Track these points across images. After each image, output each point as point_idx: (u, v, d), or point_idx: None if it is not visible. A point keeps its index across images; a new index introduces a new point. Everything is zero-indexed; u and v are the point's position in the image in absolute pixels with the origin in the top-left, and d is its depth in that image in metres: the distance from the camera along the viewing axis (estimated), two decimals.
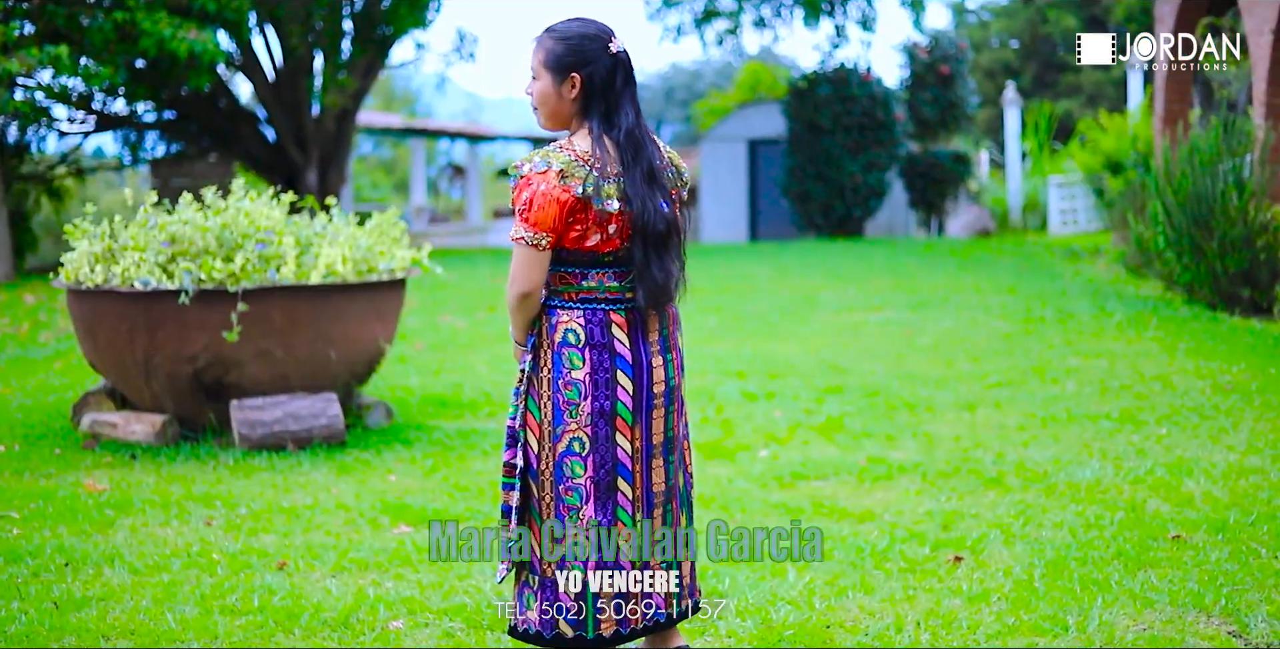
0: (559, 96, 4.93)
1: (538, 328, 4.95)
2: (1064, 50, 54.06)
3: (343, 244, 9.59)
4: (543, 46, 4.94)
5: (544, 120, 5.01)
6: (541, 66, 4.93)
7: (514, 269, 4.88)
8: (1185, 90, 22.91)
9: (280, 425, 9.22)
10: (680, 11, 32.21)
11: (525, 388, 4.97)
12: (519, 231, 4.84)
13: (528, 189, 4.85)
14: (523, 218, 4.84)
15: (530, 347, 4.96)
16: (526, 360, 4.96)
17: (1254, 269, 15.85)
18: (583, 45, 4.92)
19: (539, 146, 34.23)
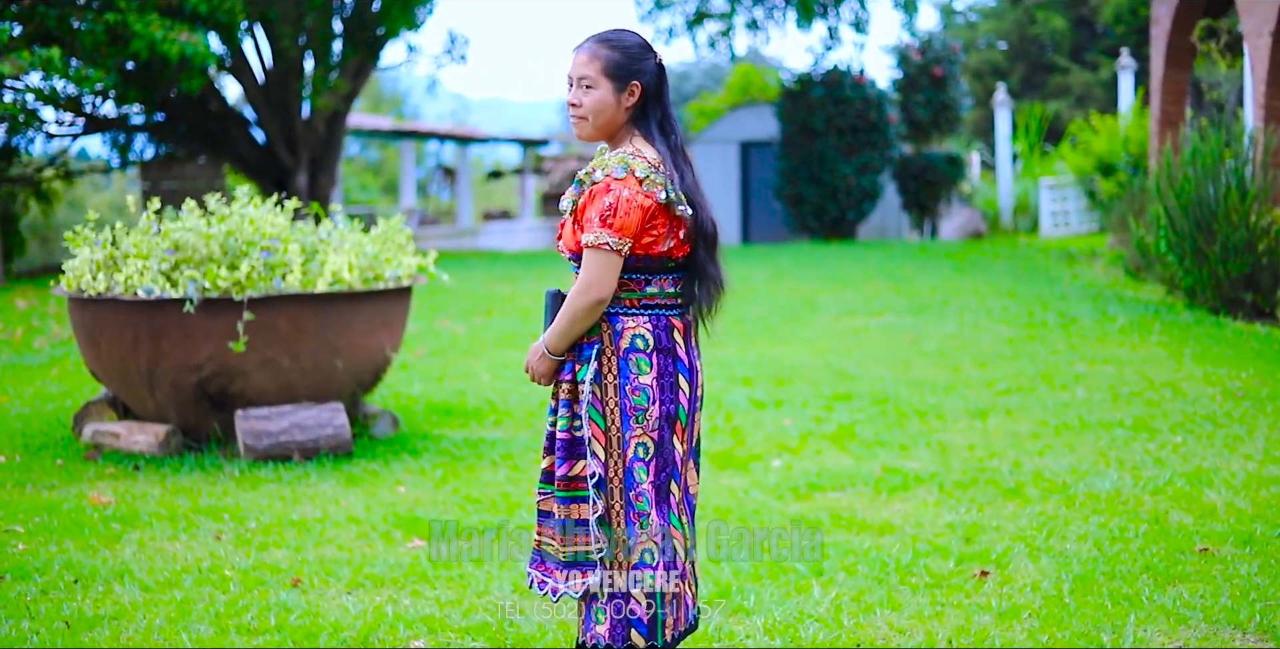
0: (617, 105, 4.95)
1: (598, 335, 4.90)
2: (1052, 51, 54.02)
3: (348, 251, 9.46)
4: (599, 56, 4.93)
5: (591, 130, 4.99)
6: (601, 75, 4.92)
7: (592, 275, 4.82)
8: (1181, 92, 22.86)
9: (286, 436, 9.09)
10: (672, 13, 32.09)
11: (577, 397, 4.91)
12: (602, 237, 4.79)
13: (608, 194, 4.83)
14: (604, 223, 4.80)
15: (590, 355, 4.89)
16: (590, 369, 4.89)
17: (1256, 273, 15.77)
18: (640, 54, 4.97)
19: (529, 149, 34.12)
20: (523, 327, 15.80)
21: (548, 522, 5.01)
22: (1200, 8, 21.94)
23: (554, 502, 4.97)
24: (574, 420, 4.91)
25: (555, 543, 4.97)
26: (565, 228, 4.98)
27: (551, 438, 5.02)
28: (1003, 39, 55.57)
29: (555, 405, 5.00)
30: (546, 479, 5.03)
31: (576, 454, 4.91)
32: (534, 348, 4.98)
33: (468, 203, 41.36)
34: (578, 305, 4.84)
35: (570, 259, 4.97)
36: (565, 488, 4.93)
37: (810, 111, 32.14)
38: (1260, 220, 15.71)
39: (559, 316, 4.88)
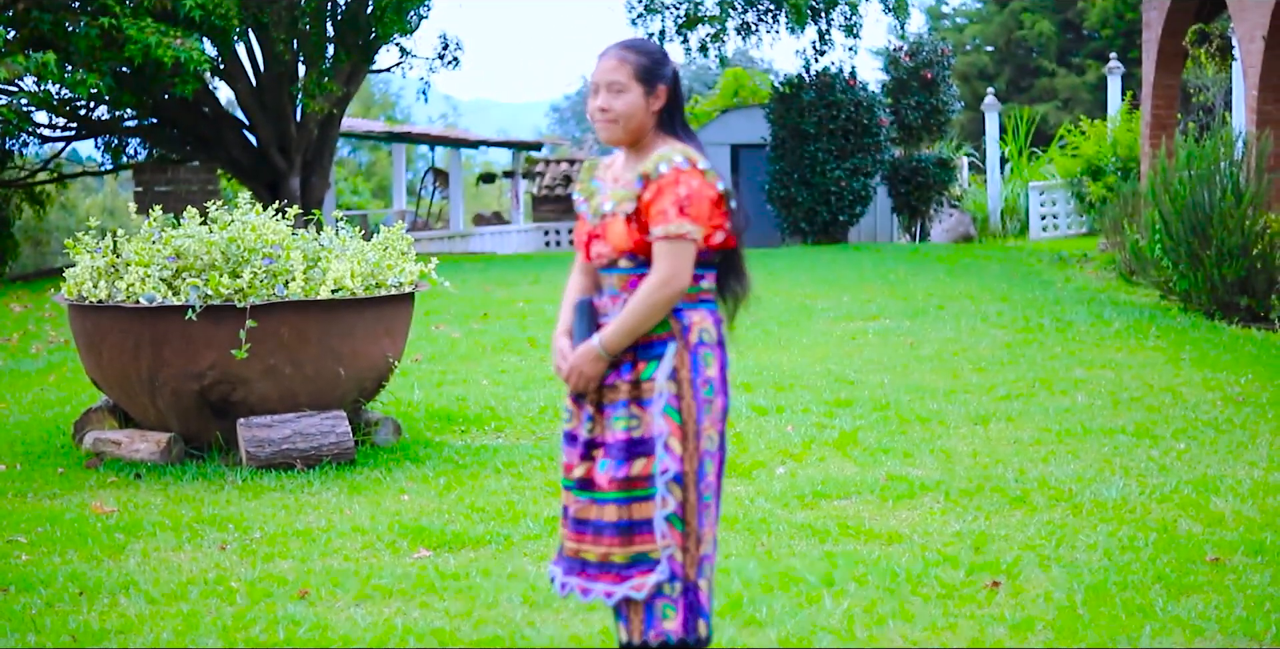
0: (646, 108, 5.03)
1: (669, 331, 4.94)
2: (1038, 55, 54.10)
3: (350, 258, 9.41)
4: (628, 60, 5.02)
5: (622, 133, 5.04)
6: (632, 79, 5.01)
7: (675, 266, 4.86)
8: (1172, 97, 22.90)
9: (289, 444, 9.04)
10: (663, 17, 32.03)
11: (639, 397, 4.94)
12: (684, 227, 4.86)
13: (680, 185, 4.91)
14: (683, 213, 4.87)
15: (663, 351, 4.93)
16: (666, 366, 4.92)
17: (1251, 278, 15.79)
18: (664, 59, 5.09)
19: (520, 152, 34.09)
20: (520, 332, 15.76)
21: (584, 527, 4.98)
22: (1191, 12, 21.97)
23: (598, 507, 4.94)
24: (632, 420, 4.92)
25: (603, 547, 4.94)
26: (610, 229, 4.98)
27: (588, 445, 5.00)
28: (989, 42, 55.67)
29: (598, 408, 5.00)
30: (583, 486, 5.00)
31: (638, 454, 4.91)
32: (585, 351, 4.95)
33: (459, 206, 41.30)
34: (657, 299, 4.86)
35: (624, 259, 4.97)
36: (623, 488, 4.92)
37: (801, 115, 32.11)
38: (1254, 225, 15.72)
39: (630, 314, 4.87)
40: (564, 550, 5.07)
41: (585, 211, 5.16)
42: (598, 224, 5.06)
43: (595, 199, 5.12)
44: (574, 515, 5.01)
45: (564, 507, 5.13)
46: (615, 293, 5.02)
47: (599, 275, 5.13)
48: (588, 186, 5.22)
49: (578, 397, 5.09)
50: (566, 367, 5.01)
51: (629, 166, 5.09)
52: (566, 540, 5.05)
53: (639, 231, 4.93)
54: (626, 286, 4.99)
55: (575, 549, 5.01)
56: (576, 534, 5.00)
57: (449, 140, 42.49)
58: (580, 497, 5.00)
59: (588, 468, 4.99)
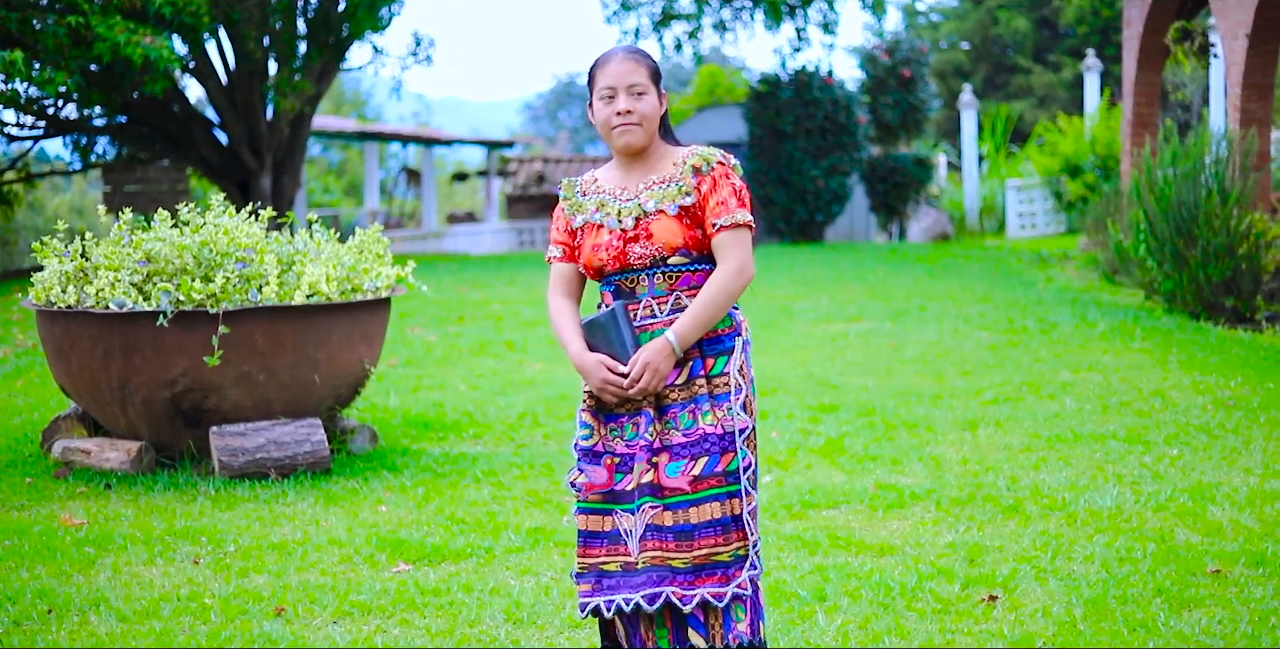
0: (659, 111, 5.03)
1: (732, 325, 4.97)
2: (1014, 52, 54.00)
3: (325, 262, 9.19)
4: (643, 63, 5.01)
5: (644, 136, 5.01)
6: (650, 81, 4.99)
7: (746, 254, 4.94)
8: (1154, 95, 22.74)
9: (263, 452, 8.81)
10: (639, 14, 31.84)
11: (712, 392, 4.91)
12: (746, 216, 4.93)
13: (732, 178, 4.98)
14: (742, 203, 4.94)
15: (732, 345, 4.95)
16: (736, 360, 4.94)
17: (1236, 278, 15.64)
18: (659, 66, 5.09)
19: (493, 150, 34.04)
20: (496, 334, 15.55)
21: (664, 534, 4.85)
22: (1173, 10, 21.81)
23: (678, 511, 4.84)
24: (710, 416, 4.87)
25: (703, 549, 4.83)
26: (658, 227, 4.92)
27: (651, 450, 4.88)
28: (965, 40, 55.53)
29: (679, 408, 4.92)
30: (653, 492, 4.87)
31: (725, 449, 4.87)
32: (660, 347, 4.85)
33: (432, 205, 41.05)
34: (734, 288, 4.87)
35: (677, 255, 4.91)
36: (720, 484, 4.87)
37: (778, 113, 31.93)
38: (1240, 224, 15.58)
39: (706, 306, 4.85)
40: (639, 564, 4.88)
41: (602, 220, 5.03)
42: (635, 226, 4.95)
43: (611, 207, 5.02)
44: (651, 522, 4.86)
45: (588, 532, 4.99)
46: (661, 293, 4.95)
47: (621, 282, 5.00)
48: (580, 201, 5.12)
49: (596, 410, 5.00)
50: (639, 366, 4.86)
51: (639, 173, 5.04)
52: (642, 552, 4.87)
53: (691, 226, 4.92)
54: (677, 284, 4.95)
55: (662, 557, 4.85)
56: (658, 542, 4.85)
57: (421, 139, 42.24)
58: (649, 502, 4.87)
59: (655, 474, 4.88)
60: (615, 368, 4.90)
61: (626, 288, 4.99)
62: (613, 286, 5.02)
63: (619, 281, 5.00)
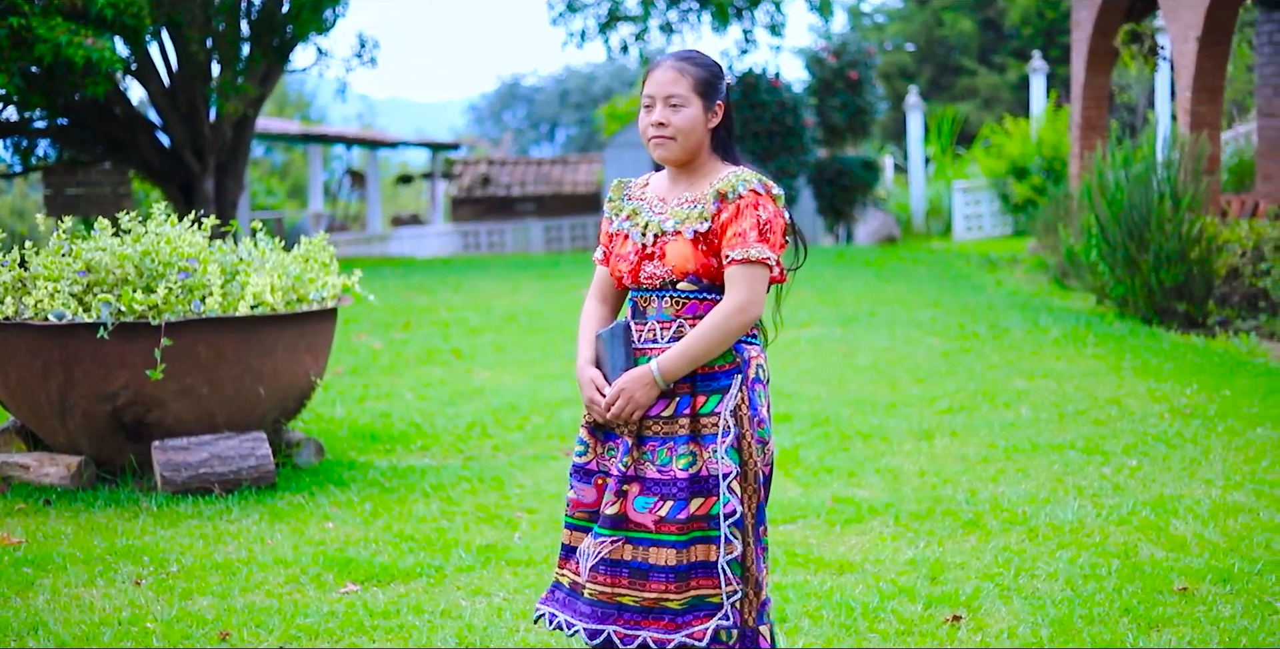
0: (704, 125, 4.77)
1: (732, 362, 4.74)
2: (959, 53, 54.03)
3: (270, 272, 8.97)
4: (687, 73, 4.76)
5: (680, 151, 4.78)
6: (692, 93, 4.74)
7: (754, 293, 4.68)
8: (1102, 97, 22.67)
9: (206, 467, 8.60)
10: (584, 16, 31.65)
11: (699, 432, 4.72)
12: (765, 252, 4.68)
13: (760, 209, 4.71)
14: (764, 238, 4.68)
15: (727, 384, 4.73)
16: (731, 401, 4.72)
17: (1189, 283, 15.56)
18: (721, 73, 4.82)
19: (438, 152, 33.70)
20: (443, 342, 15.33)
21: (619, 569, 4.71)
22: (1122, 12, 21.75)
23: (641, 548, 4.70)
24: (690, 457, 4.68)
25: (653, 592, 4.68)
26: (671, 249, 4.74)
27: (622, 480, 4.73)
28: (910, 41, 55.52)
29: (638, 441, 4.75)
30: (615, 525, 4.72)
31: (697, 493, 4.68)
32: (639, 375, 4.69)
33: (377, 208, 40.77)
34: (732, 326, 4.65)
35: (685, 281, 4.74)
36: (683, 531, 4.67)
37: None
38: (1191, 229, 15.50)
39: (698, 340, 4.66)
40: (585, 593, 4.76)
41: (629, 230, 4.87)
42: (652, 244, 4.78)
43: (641, 217, 4.85)
44: (607, 557, 4.71)
45: (569, 546, 4.87)
46: (666, 318, 4.78)
47: (638, 299, 4.86)
48: (621, 205, 4.95)
49: (595, 427, 4.84)
50: (611, 392, 4.71)
51: (682, 186, 4.86)
52: (591, 583, 4.74)
53: (707, 253, 4.71)
54: (683, 311, 4.76)
55: (610, 593, 4.71)
56: (611, 577, 4.71)
57: (365, 141, 41.95)
58: (610, 535, 4.72)
59: (620, 505, 4.72)
60: (602, 387, 4.76)
61: (640, 306, 4.84)
62: (632, 302, 4.89)
63: (636, 298, 4.86)
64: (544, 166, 43.99)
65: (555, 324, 16.77)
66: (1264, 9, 20.89)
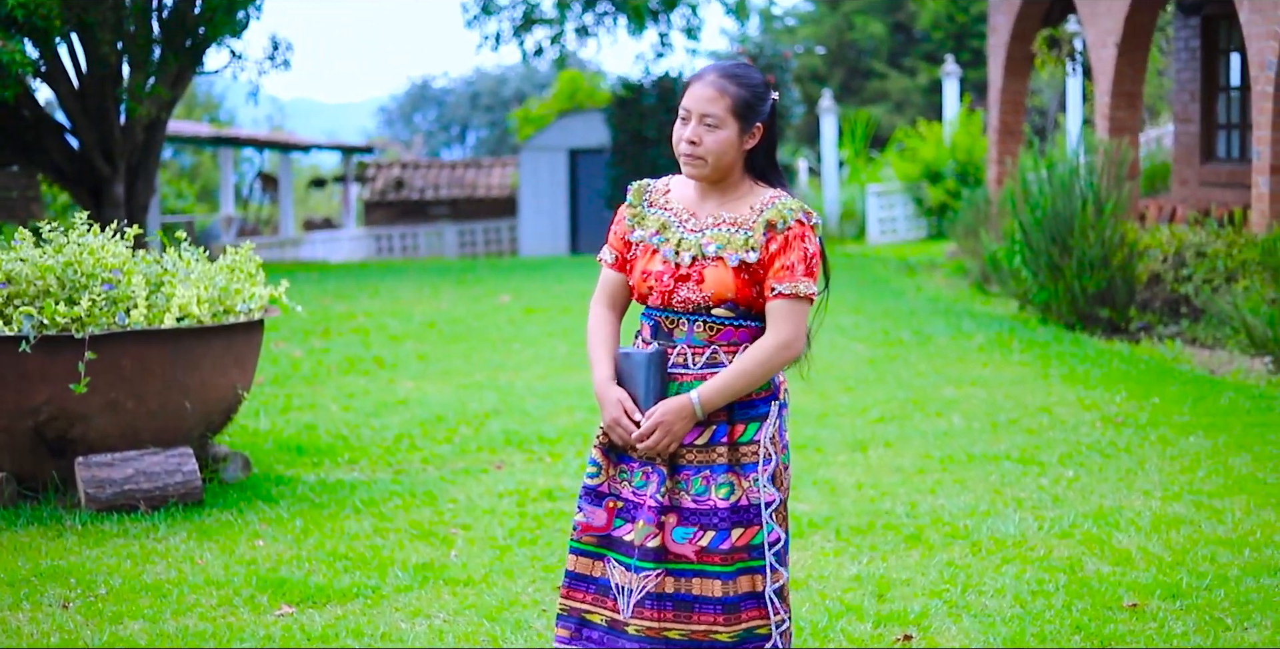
0: (739, 147, 4.63)
1: (769, 390, 4.67)
2: (870, 57, 54.17)
3: (196, 283, 8.77)
4: (727, 93, 4.59)
5: (710, 171, 4.63)
6: (729, 114, 4.59)
7: (800, 328, 4.63)
8: (1020, 102, 22.75)
9: (131, 484, 8.38)
10: (499, 18, 31.47)
11: (738, 460, 4.63)
12: (812, 287, 4.61)
13: (807, 242, 4.60)
14: (809, 273, 4.59)
15: (766, 411, 4.67)
16: (769, 429, 4.67)
17: (1111, 289, 15.58)
18: (765, 94, 4.67)
19: (349, 155, 33.41)
20: (364, 350, 15.13)
21: (664, 603, 4.61)
22: (1039, 18, 21.81)
23: (683, 580, 4.60)
24: (728, 487, 4.58)
25: (703, 625, 4.58)
26: (711, 274, 4.60)
27: (660, 510, 4.61)
28: (821, 44, 55.61)
29: (672, 470, 4.63)
30: (656, 557, 4.59)
31: (739, 523, 4.58)
32: (679, 408, 4.55)
33: (289, 211, 40.42)
34: (777, 362, 4.58)
35: (721, 307, 4.62)
36: (728, 561, 4.56)
37: (642, 119, 31.66)
38: (1114, 235, 15.52)
39: (741, 375, 4.55)
40: (629, 630, 4.64)
41: (659, 246, 4.72)
42: (689, 266, 4.64)
43: (672, 233, 4.70)
44: (652, 591, 4.59)
45: (577, 573, 4.76)
46: (699, 343, 4.64)
47: (662, 319, 4.70)
48: (644, 213, 4.80)
49: (609, 449, 4.72)
50: (650, 424, 4.56)
51: (714, 203, 4.72)
52: (637, 619, 4.62)
53: (749, 283, 4.59)
54: (717, 337, 4.64)
55: (657, 629, 4.60)
56: (657, 612, 4.60)
57: (277, 144, 41.58)
58: (652, 568, 4.59)
59: (661, 536, 4.60)
60: (633, 413, 4.61)
61: (665, 328, 4.69)
62: (653, 321, 4.72)
63: (659, 318, 4.70)
64: (457, 170, 43.75)
65: (477, 332, 16.61)
66: (1180, 15, 21.00)
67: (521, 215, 36.97)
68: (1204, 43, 20.57)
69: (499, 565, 7.41)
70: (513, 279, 24.14)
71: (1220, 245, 14.77)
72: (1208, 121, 20.61)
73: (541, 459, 9.93)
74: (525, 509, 8.53)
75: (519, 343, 15.62)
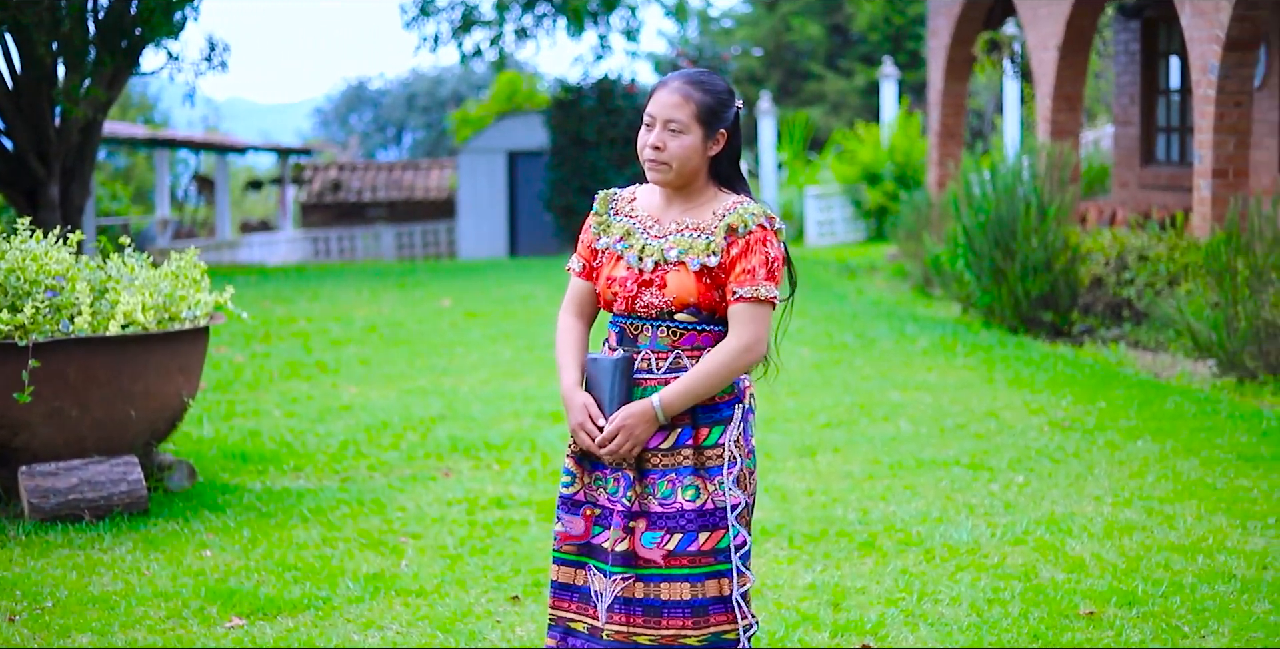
0: (703, 153, 4.65)
1: (731, 393, 4.66)
2: (807, 58, 54.25)
3: (141, 289, 8.66)
4: (692, 98, 4.62)
5: (674, 177, 4.66)
6: (693, 120, 4.61)
7: (761, 332, 4.63)
8: (960, 105, 22.78)
9: (76, 493, 8.26)
10: (438, 20, 31.32)
11: (704, 464, 4.63)
12: (772, 291, 4.63)
13: (767, 246, 4.61)
14: (770, 276, 4.61)
15: (730, 414, 4.66)
16: (733, 432, 4.66)
17: (1054, 292, 15.61)
18: (730, 99, 4.69)
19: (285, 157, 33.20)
20: (306, 355, 15.00)
21: (634, 608, 4.62)
22: (979, 20, 21.84)
23: (651, 584, 4.59)
24: (694, 490, 4.59)
25: (671, 629, 4.58)
26: (673, 279, 4.62)
27: (628, 515, 4.61)
28: (758, 46, 55.65)
29: (640, 475, 4.64)
30: (626, 562, 4.61)
31: (706, 526, 4.59)
32: (641, 412, 4.57)
33: (226, 213, 40.15)
34: (739, 366, 4.58)
35: (684, 312, 4.63)
36: (695, 564, 4.58)
37: (581, 121, 31.55)
38: (1056, 238, 15.56)
39: (703, 378, 4.57)
40: (604, 635, 4.65)
41: (623, 252, 4.73)
42: (652, 271, 4.65)
43: (636, 239, 4.72)
44: (620, 595, 4.60)
45: (561, 583, 4.76)
46: (663, 348, 4.66)
47: (627, 325, 4.72)
48: (609, 220, 4.82)
49: (582, 457, 4.73)
50: (611, 428, 4.59)
51: (678, 209, 4.73)
52: (608, 624, 4.63)
53: (710, 287, 4.61)
54: (680, 342, 4.65)
55: (626, 633, 4.61)
56: (626, 616, 4.61)
57: (214, 145, 41.30)
58: (621, 573, 4.61)
59: (629, 541, 4.61)
60: (597, 418, 4.63)
61: (630, 333, 4.71)
62: (618, 327, 4.74)
63: (624, 324, 4.72)
64: (395, 171, 43.57)
65: (419, 336, 16.51)
66: (1120, 18, 21.07)
67: (460, 217, 36.83)
68: (1144, 46, 20.64)
69: (451, 575, 7.34)
70: (453, 282, 24.03)
71: (1162, 249, 14.80)
72: (1148, 124, 20.68)
73: (489, 466, 9.85)
74: (475, 518, 8.46)
75: (462, 347, 15.53)
